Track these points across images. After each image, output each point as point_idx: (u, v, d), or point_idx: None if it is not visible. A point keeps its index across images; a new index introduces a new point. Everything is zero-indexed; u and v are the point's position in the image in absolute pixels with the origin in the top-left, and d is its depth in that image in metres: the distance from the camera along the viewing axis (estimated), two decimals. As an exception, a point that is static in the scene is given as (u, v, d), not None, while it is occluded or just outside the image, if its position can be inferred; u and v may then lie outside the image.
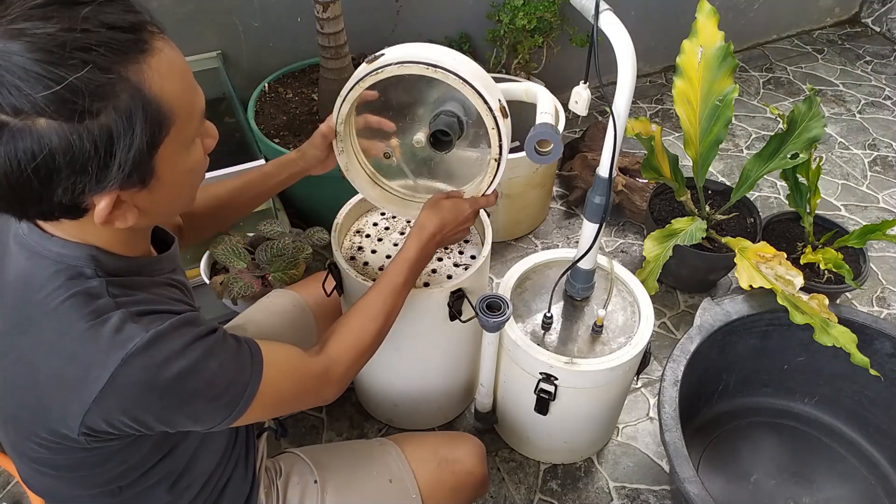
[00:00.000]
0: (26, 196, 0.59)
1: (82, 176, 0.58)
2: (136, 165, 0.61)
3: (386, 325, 0.97)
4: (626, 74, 0.97)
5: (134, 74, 0.58)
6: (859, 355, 1.25)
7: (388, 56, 0.98)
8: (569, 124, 2.30)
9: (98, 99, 0.56)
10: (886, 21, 2.86)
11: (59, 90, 0.54)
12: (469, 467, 1.10)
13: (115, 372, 0.63)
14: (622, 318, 1.30)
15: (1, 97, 0.54)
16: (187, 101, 0.64)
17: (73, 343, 0.64)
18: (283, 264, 1.50)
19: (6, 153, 0.55)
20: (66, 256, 0.67)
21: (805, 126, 1.52)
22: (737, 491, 1.39)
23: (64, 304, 0.65)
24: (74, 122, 0.55)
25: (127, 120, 0.58)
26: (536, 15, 1.87)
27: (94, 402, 0.64)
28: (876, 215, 2.07)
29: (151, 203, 0.66)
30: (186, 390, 0.67)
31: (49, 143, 0.55)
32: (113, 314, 0.65)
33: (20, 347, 0.67)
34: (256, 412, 0.75)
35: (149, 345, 0.64)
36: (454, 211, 1.06)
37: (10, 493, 1.40)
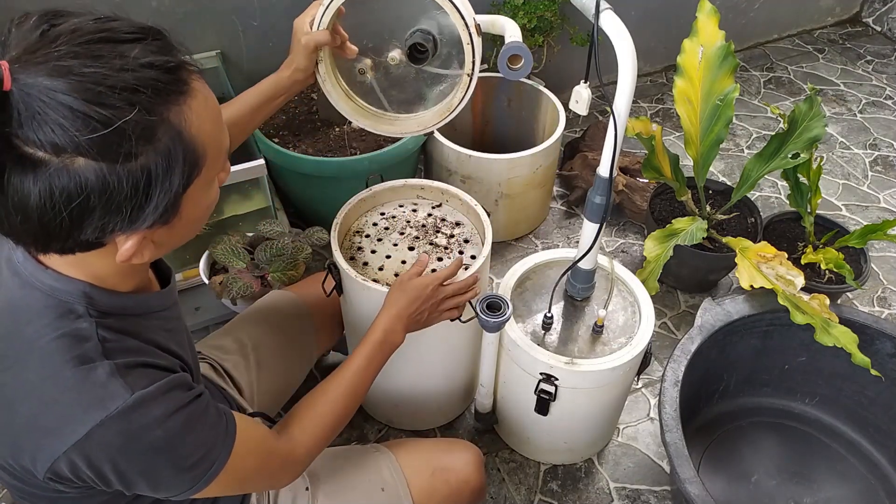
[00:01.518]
0: (54, 233, 0.57)
1: (115, 216, 0.57)
2: (169, 206, 0.60)
3: (349, 406, 0.96)
4: (627, 74, 0.97)
5: (175, 116, 0.57)
6: (860, 355, 1.24)
7: None
8: (569, 124, 2.29)
9: (141, 142, 0.55)
10: (887, 20, 2.86)
11: (107, 133, 0.52)
12: (464, 476, 1.08)
13: (92, 431, 0.62)
14: (623, 318, 1.29)
15: (42, 135, 0.52)
16: (218, 140, 0.64)
17: (55, 389, 0.63)
18: (283, 264, 1.50)
19: (41, 191, 0.54)
20: (58, 291, 0.65)
21: (806, 126, 1.52)
22: (737, 491, 1.39)
23: (50, 344, 0.63)
24: (116, 163, 0.54)
25: (167, 162, 0.57)
26: (536, 14, 1.87)
27: (64, 454, 0.63)
28: (877, 215, 2.07)
29: (168, 238, 0.66)
30: (156, 460, 0.66)
31: (86, 183, 0.54)
32: (99, 365, 0.63)
33: (2, 385, 0.65)
34: (216, 488, 0.74)
35: (131, 409, 0.63)
36: (419, 289, 1.06)
37: (9, 493, 1.40)
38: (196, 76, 0.61)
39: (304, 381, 1.49)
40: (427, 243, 1.28)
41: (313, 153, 1.65)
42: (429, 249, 1.27)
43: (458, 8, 0.96)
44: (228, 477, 0.74)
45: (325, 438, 0.92)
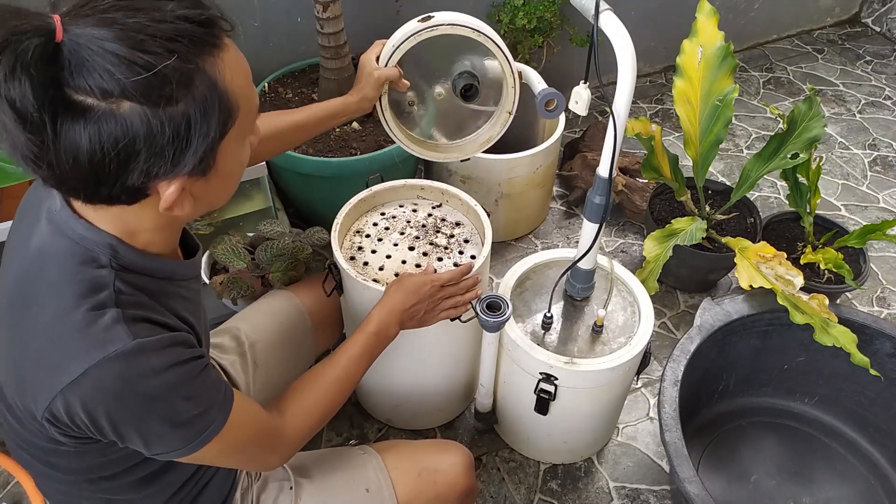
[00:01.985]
0: (102, 178, 0.60)
1: (159, 160, 0.60)
2: (206, 153, 0.63)
3: (342, 393, 0.97)
4: (626, 74, 0.97)
5: (209, 67, 0.61)
6: (859, 355, 1.25)
7: (438, 18, 1.16)
8: (569, 124, 2.30)
9: (181, 87, 0.58)
10: (886, 21, 2.86)
11: (149, 76, 0.56)
12: (452, 478, 1.07)
13: (88, 370, 0.64)
14: (622, 318, 1.30)
15: (92, 80, 0.56)
16: (248, 95, 0.67)
17: (63, 329, 0.66)
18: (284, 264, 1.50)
19: (90, 136, 0.57)
20: (86, 240, 0.68)
21: (805, 126, 1.52)
22: (737, 491, 1.39)
23: (68, 287, 0.67)
24: (158, 107, 0.58)
25: (203, 109, 0.61)
26: (536, 15, 1.87)
27: (60, 392, 0.65)
28: (876, 215, 2.07)
29: (205, 193, 0.69)
30: (150, 410, 0.67)
31: (132, 126, 0.58)
32: (108, 311, 0.66)
33: (22, 320, 0.69)
34: (210, 453, 0.75)
35: (129, 354, 0.65)
36: (416, 286, 1.08)
37: (10, 493, 1.40)
38: (228, 34, 0.64)
39: (305, 381, 1.49)
40: (427, 243, 1.28)
41: (314, 153, 1.65)
42: (429, 249, 1.27)
43: (508, 59, 1.15)
44: (222, 444, 0.75)
45: (316, 422, 0.92)
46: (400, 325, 1.07)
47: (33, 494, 1.36)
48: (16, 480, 1.40)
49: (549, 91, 1.14)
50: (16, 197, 1.46)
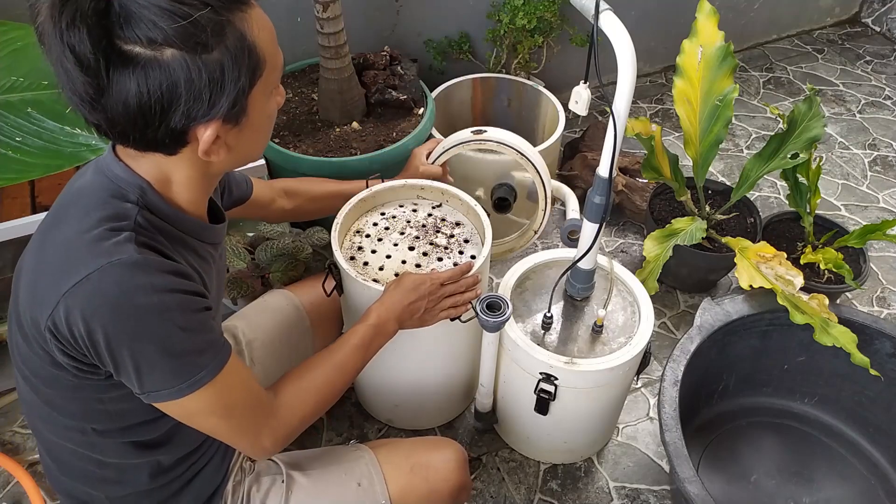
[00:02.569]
0: (149, 119, 0.67)
1: (197, 103, 0.68)
2: (237, 100, 0.70)
3: (338, 383, 0.97)
4: (626, 74, 0.97)
5: (238, 21, 0.69)
6: (859, 355, 1.25)
7: (489, 134, 1.38)
8: (569, 124, 2.30)
9: (214, 36, 0.66)
10: (886, 21, 2.86)
11: (186, 24, 0.64)
12: (444, 474, 1.07)
13: (91, 274, 0.69)
14: (622, 318, 1.30)
15: (139, 31, 0.63)
16: (274, 52, 0.74)
17: (80, 242, 0.71)
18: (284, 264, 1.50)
19: (138, 81, 0.65)
20: (120, 179, 0.75)
21: (805, 126, 1.52)
22: (737, 491, 1.39)
23: (95, 212, 0.73)
24: (196, 54, 0.66)
25: (234, 58, 0.68)
26: (536, 15, 1.87)
27: (64, 296, 0.69)
28: (876, 215, 2.07)
29: (238, 142, 0.76)
30: (145, 328, 0.71)
31: (173, 72, 0.65)
32: (124, 233, 0.72)
33: (48, 237, 0.76)
34: (200, 405, 0.77)
35: (134, 265, 0.70)
36: (415, 283, 1.10)
37: (10, 493, 1.40)
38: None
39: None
40: (427, 243, 1.28)
41: (313, 153, 1.65)
42: (429, 249, 1.27)
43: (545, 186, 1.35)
44: (212, 397, 0.77)
45: (310, 408, 0.92)
46: (399, 323, 1.08)
47: (33, 494, 1.36)
48: (16, 480, 1.40)
49: (575, 222, 1.21)
50: (16, 197, 1.46)
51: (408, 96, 1.76)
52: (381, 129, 1.74)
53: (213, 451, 0.95)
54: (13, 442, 1.48)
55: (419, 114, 1.77)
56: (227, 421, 0.81)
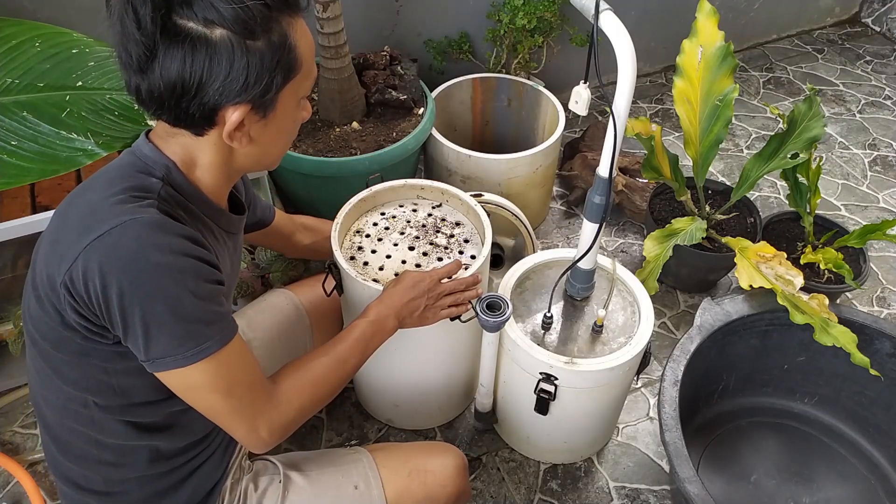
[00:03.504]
0: (187, 89, 0.72)
1: (233, 83, 0.73)
2: (268, 90, 0.76)
3: (336, 376, 0.97)
4: (626, 74, 0.97)
5: (285, 24, 0.75)
6: (859, 355, 1.25)
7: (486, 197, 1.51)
8: (569, 124, 2.30)
9: (262, 26, 0.72)
10: (886, 21, 2.86)
11: (241, 9, 0.70)
12: (441, 480, 1.07)
13: (114, 229, 0.72)
14: (622, 317, 1.30)
15: (197, 8, 0.70)
16: (310, 62, 0.80)
17: (104, 204, 0.75)
18: (283, 264, 1.50)
19: (184, 54, 0.71)
20: (148, 158, 0.80)
21: (805, 126, 1.52)
22: (737, 491, 1.39)
23: (121, 182, 0.77)
24: (242, 38, 0.72)
25: (274, 52, 0.74)
26: (536, 15, 1.87)
27: (84, 249, 0.72)
28: (876, 215, 2.07)
29: (260, 136, 0.81)
30: (158, 287, 0.73)
31: (219, 50, 0.71)
32: (148, 200, 0.76)
33: (73, 203, 0.79)
34: (202, 377, 0.78)
35: (154, 224, 0.73)
36: (414, 279, 1.10)
37: (10, 493, 1.40)
38: (302, 13, 0.78)
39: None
40: (427, 243, 1.28)
41: (313, 153, 1.65)
42: (429, 249, 1.27)
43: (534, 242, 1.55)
44: (215, 371, 0.78)
45: (307, 399, 0.92)
46: (398, 320, 1.07)
47: (33, 494, 1.36)
48: (16, 480, 1.40)
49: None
50: (16, 197, 1.46)
51: (408, 96, 1.76)
52: (381, 129, 1.74)
53: (214, 445, 0.95)
54: (13, 442, 1.48)
55: (419, 114, 1.77)
56: (226, 400, 0.81)
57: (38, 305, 0.79)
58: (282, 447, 1.45)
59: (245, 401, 0.83)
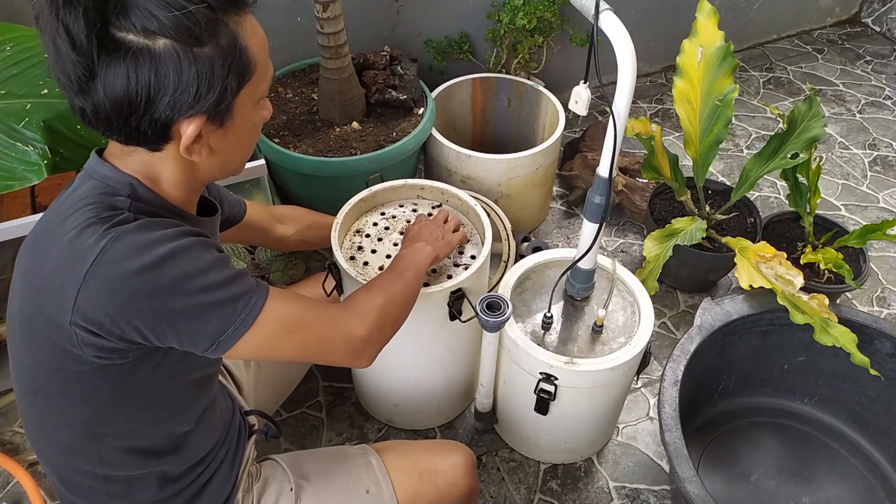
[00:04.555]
0: (135, 108, 0.67)
1: (184, 95, 0.68)
2: (223, 98, 0.71)
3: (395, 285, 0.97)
4: (626, 74, 0.97)
5: (233, 24, 0.70)
6: (859, 355, 1.25)
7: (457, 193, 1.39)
8: (569, 124, 2.30)
9: (208, 32, 0.67)
10: (886, 21, 2.86)
11: (182, 16, 0.65)
12: (453, 479, 1.07)
13: (106, 246, 0.68)
14: (622, 317, 1.30)
15: (135, 18, 0.64)
16: (264, 62, 0.75)
17: (81, 231, 0.70)
18: (283, 264, 1.50)
19: (128, 68, 0.65)
20: (109, 178, 0.75)
21: (805, 126, 1.52)
22: (737, 491, 1.39)
23: (87, 206, 0.72)
24: (188, 46, 0.66)
25: (224, 57, 0.69)
26: (536, 15, 1.87)
27: (84, 280, 0.68)
28: (876, 215, 2.07)
29: (221, 145, 0.76)
30: (177, 275, 0.70)
31: (164, 61, 0.66)
32: (123, 215, 0.72)
33: (41, 243, 0.74)
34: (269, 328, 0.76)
35: (140, 227, 0.71)
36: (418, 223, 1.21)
37: (9, 493, 1.40)
38: (251, 9, 0.73)
39: (303, 381, 1.50)
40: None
41: (314, 153, 1.65)
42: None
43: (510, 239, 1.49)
44: (278, 311, 0.77)
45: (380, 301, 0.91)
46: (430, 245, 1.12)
47: (33, 494, 1.36)
48: (16, 480, 1.40)
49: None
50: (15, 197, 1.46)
51: (408, 96, 1.76)
52: (381, 129, 1.74)
53: (220, 459, 0.94)
54: (13, 442, 1.48)
55: (419, 114, 1.77)
56: (306, 332, 0.81)
57: (37, 352, 0.75)
58: (282, 447, 1.45)
59: (322, 320, 0.83)
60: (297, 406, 1.54)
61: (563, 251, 1.40)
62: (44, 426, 0.82)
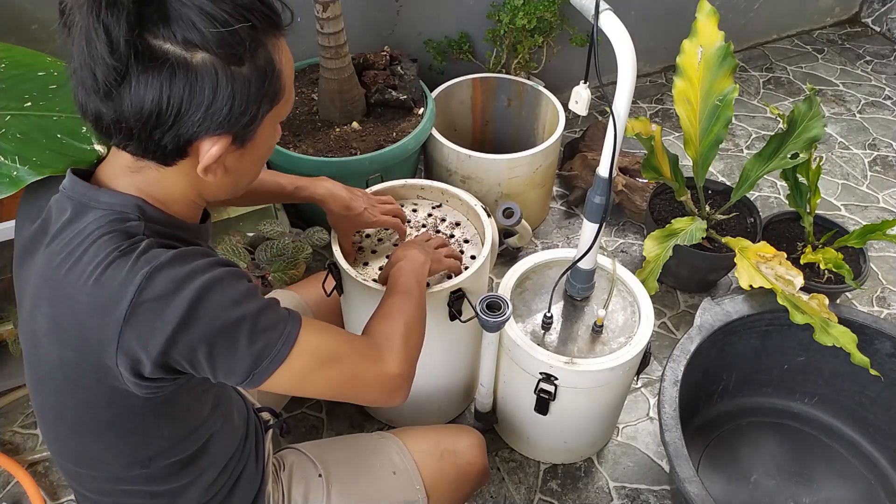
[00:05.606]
0: (161, 121, 0.65)
1: (216, 114, 0.66)
2: (253, 121, 0.69)
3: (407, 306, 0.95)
4: (626, 74, 0.97)
5: (272, 46, 0.69)
6: (859, 355, 1.25)
7: None
8: (569, 124, 2.30)
9: (249, 51, 0.66)
10: (886, 21, 2.86)
11: (226, 32, 0.63)
12: (470, 458, 1.12)
13: (142, 285, 0.66)
14: (622, 317, 1.30)
15: (177, 27, 0.62)
16: (290, 87, 0.74)
17: (107, 268, 0.67)
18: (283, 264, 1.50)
19: (162, 79, 0.63)
20: (114, 204, 0.71)
21: (805, 126, 1.52)
22: (737, 491, 1.39)
23: (102, 238, 0.69)
24: (227, 63, 0.65)
25: (261, 79, 0.68)
26: (536, 15, 1.87)
27: (125, 321, 0.66)
28: (876, 215, 2.07)
29: (236, 167, 0.74)
30: (214, 308, 0.68)
31: (201, 76, 0.64)
32: (143, 242, 0.69)
33: (63, 286, 0.69)
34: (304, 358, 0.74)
35: (173, 259, 0.68)
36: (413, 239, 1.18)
37: (9, 493, 1.40)
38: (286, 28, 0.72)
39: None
40: (427, 243, 1.28)
41: (313, 153, 1.65)
42: (429, 249, 1.27)
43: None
44: (311, 342, 0.75)
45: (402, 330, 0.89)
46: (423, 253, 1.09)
47: (33, 494, 1.36)
48: (16, 480, 1.40)
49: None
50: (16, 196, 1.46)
51: (408, 96, 1.76)
52: (381, 129, 1.74)
53: (246, 455, 0.94)
54: (13, 442, 1.48)
55: (419, 114, 1.77)
56: (338, 365, 0.79)
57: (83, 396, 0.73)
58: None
59: (355, 355, 0.81)
60: (297, 406, 1.54)
61: (563, 251, 1.40)
62: (89, 460, 0.81)
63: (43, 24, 1.57)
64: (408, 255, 1.07)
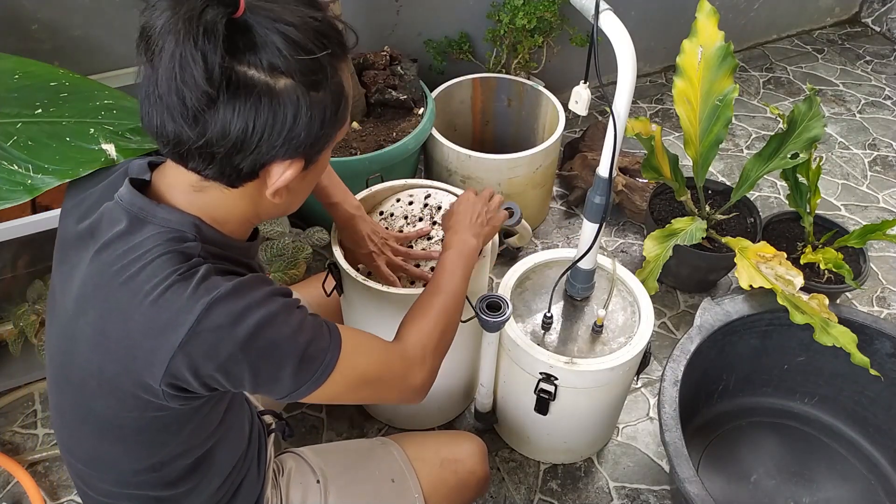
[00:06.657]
0: (245, 145, 0.66)
1: (295, 139, 0.68)
2: (323, 145, 0.72)
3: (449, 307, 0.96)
4: (626, 74, 0.97)
5: (341, 71, 0.71)
6: (859, 355, 1.25)
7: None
8: (569, 124, 2.30)
9: (327, 77, 0.68)
10: (886, 21, 2.86)
11: (310, 60, 0.65)
12: (471, 467, 1.10)
13: (201, 315, 0.67)
14: (622, 317, 1.30)
15: (264, 53, 0.64)
16: (349, 109, 0.74)
17: (165, 291, 0.68)
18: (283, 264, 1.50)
19: (248, 108, 0.64)
20: (171, 222, 0.72)
21: (805, 126, 1.52)
22: (737, 491, 1.39)
23: (161, 257, 0.70)
24: (309, 89, 0.66)
25: (335, 103, 0.70)
26: (536, 15, 1.87)
27: (179, 347, 0.67)
28: (876, 215, 2.07)
29: (298, 188, 0.76)
30: (267, 342, 0.70)
31: (284, 103, 0.65)
32: (202, 267, 0.70)
33: (117, 299, 0.70)
34: (340, 383, 0.77)
35: (232, 292, 0.69)
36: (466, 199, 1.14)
37: (9, 493, 1.40)
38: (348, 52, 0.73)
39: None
40: (425, 238, 1.28)
41: (313, 153, 1.65)
42: (427, 245, 1.27)
43: None
44: (347, 368, 0.78)
45: (437, 337, 0.92)
46: (475, 236, 1.09)
47: (33, 494, 1.36)
48: (16, 480, 1.40)
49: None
50: (16, 197, 1.46)
51: (408, 96, 1.76)
52: (381, 129, 1.74)
53: (250, 459, 0.95)
54: (13, 442, 1.48)
55: (419, 114, 1.77)
56: (370, 385, 0.83)
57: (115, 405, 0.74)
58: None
59: (385, 375, 0.84)
60: (297, 406, 1.54)
61: (563, 251, 1.40)
62: (102, 462, 0.82)
63: (43, 24, 1.57)
64: (460, 242, 1.06)
